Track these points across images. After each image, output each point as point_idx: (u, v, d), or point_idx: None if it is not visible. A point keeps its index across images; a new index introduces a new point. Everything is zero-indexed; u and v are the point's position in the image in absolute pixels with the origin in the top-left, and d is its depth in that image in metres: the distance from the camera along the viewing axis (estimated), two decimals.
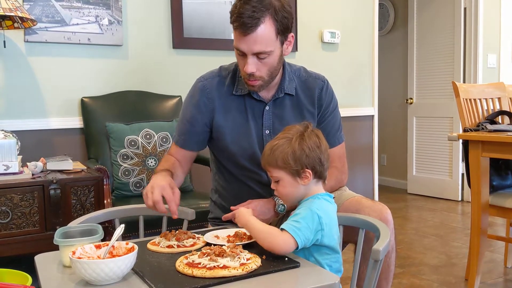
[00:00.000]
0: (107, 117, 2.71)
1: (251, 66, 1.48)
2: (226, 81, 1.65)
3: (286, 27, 1.49)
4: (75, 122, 2.80)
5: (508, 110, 2.70)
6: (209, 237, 1.36)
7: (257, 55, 1.47)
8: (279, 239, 1.19)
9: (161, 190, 1.40)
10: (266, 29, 1.44)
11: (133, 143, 2.56)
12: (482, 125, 2.43)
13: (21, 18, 2.42)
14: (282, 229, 1.20)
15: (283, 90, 1.62)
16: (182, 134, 1.68)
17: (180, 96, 2.99)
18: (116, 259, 1.04)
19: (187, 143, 1.68)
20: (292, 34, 1.54)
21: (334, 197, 1.35)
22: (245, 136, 1.62)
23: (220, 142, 1.66)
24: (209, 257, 1.12)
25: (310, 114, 1.66)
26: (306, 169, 1.28)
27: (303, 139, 1.30)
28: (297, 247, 1.20)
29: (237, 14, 1.43)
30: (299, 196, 1.32)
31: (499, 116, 2.61)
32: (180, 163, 1.68)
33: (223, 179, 1.74)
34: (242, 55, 1.50)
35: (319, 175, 1.31)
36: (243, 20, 1.42)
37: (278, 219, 1.65)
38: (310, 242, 1.23)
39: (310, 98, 1.66)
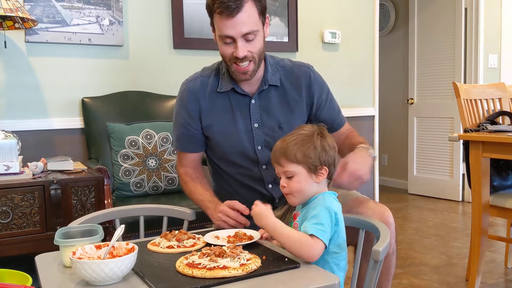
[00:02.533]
0: (108, 117, 2.71)
1: (242, 49, 1.49)
2: (209, 80, 1.66)
3: (264, 7, 1.53)
4: (76, 122, 2.80)
5: (508, 110, 2.69)
6: (209, 237, 1.36)
7: (246, 37, 1.49)
8: (313, 250, 1.17)
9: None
10: (250, 9, 1.47)
11: (133, 143, 2.56)
12: (483, 125, 2.43)
13: (22, 19, 2.43)
14: (311, 235, 1.19)
15: (267, 82, 1.63)
16: (179, 140, 1.71)
17: None
18: (116, 260, 1.04)
19: (187, 147, 1.71)
20: (268, 16, 1.57)
21: (337, 196, 1.35)
22: (233, 132, 1.63)
23: (210, 141, 1.67)
24: (209, 258, 1.12)
25: (297, 104, 1.66)
26: (324, 166, 1.29)
27: (324, 137, 1.31)
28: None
29: (219, 1, 1.45)
30: (310, 194, 1.30)
31: (500, 117, 2.61)
32: (198, 170, 1.72)
33: (220, 179, 1.75)
34: (230, 42, 1.50)
35: (330, 176, 1.32)
36: (227, 4, 1.44)
37: (280, 216, 1.65)
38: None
39: (297, 87, 1.66)
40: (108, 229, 2.05)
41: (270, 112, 1.63)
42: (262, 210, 1.25)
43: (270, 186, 1.66)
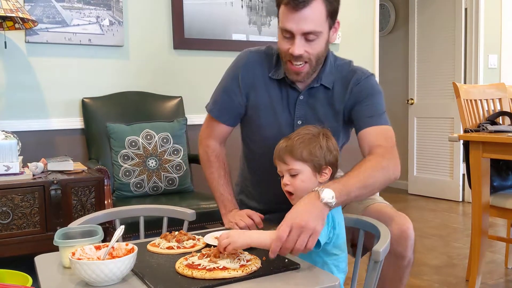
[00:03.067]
0: (108, 117, 2.71)
1: (299, 47, 1.40)
2: (269, 61, 1.59)
3: (335, 10, 1.43)
4: (76, 122, 2.80)
5: (508, 111, 2.69)
6: (209, 238, 1.36)
7: (306, 36, 1.40)
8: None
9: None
10: (318, 7, 1.37)
11: (133, 143, 2.56)
12: (483, 125, 2.42)
13: (22, 19, 2.43)
14: None
15: (319, 80, 1.53)
16: (217, 104, 1.63)
17: (181, 96, 3.00)
18: (115, 260, 1.04)
19: (221, 114, 1.62)
20: (338, 21, 1.47)
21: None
22: (276, 122, 1.57)
23: (254, 122, 1.61)
24: (209, 259, 1.12)
25: (340, 105, 1.55)
26: (328, 166, 1.29)
27: (329, 138, 1.32)
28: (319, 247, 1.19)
29: None
30: None
31: (500, 117, 2.60)
32: (223, 152, 1.65)
33: (249, 166, 1.70)
34: (289, 37, 1.42)
35: (332, 177, 1.33)
36: None
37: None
38: (326, 241, 1.22)
39: (345, 89, 1.54)
40: (108, 229, 2.05)
41: (316, 111, 1.55)
42: (233, 231, 1.19)
43: None
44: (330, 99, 1.55)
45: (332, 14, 1.42)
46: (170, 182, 2.60)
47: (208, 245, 1.30)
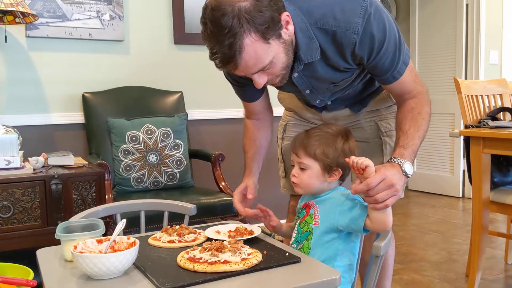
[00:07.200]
0: (109, 112, 2.71)
1: (260, 81, 1.27)
2: None
3: (270, 21, 1.17)
4: (77, 117, 2.80)
5: (509, 106, 2.69)
6: (210, 232, 1.36)
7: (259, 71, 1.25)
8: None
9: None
10: (252, 48, 1.16)
11: (134, 138, 2.56)
12: (484, 121, 2.42)
13: (23, 13, 2.42)
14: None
15: (301, 61, 1.34)
16: (238, 92, 1.61)
17: (181, 91, 2.99)
18: (117, 254, 1.05)
19: (248, 97, 1.60)
20: (285, 13, 1.22)
21: None
22: (288, 91, 1.58)
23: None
24: (210, 252, 1.12)
25: (346, 67, 1.39)
26: (338, 168, 1.30)
27: (347, 140, 1.33)
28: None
29: (210, 51, 1.20)
30: (317, 190, 1.33)
31: (501, 113, 2.60)
32: (260, 117, 1.66)
33: None
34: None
35: (343, 178, 1.35)
36: (220, 57, 1.18)
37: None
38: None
39: (341, 55, 1.33)
40: (109, 224, 2.06)
41: (319, 77, 1.41)
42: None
43: (318, 101, 1.58)
44: (327, 62, 1.37)
45: (272, 29, 1.17)
46: (171, 177, 2.61)
47: (209, 239, 1.30)
